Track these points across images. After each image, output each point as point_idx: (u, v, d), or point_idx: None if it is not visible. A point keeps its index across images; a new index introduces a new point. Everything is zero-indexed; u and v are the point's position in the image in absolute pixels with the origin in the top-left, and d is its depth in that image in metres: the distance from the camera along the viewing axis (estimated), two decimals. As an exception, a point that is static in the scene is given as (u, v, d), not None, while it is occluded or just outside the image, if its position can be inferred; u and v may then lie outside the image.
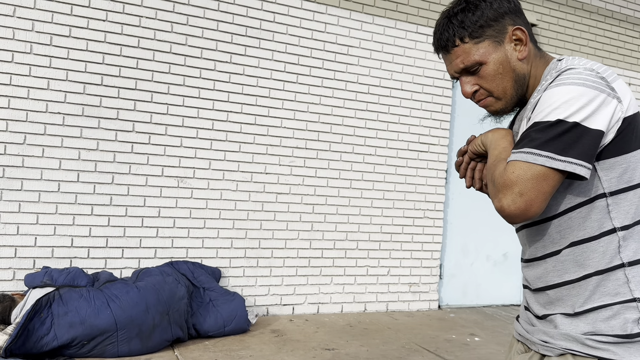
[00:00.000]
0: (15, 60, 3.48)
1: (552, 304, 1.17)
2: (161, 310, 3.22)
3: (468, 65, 1.19)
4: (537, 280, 1.20)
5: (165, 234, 3.89)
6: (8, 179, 3.47)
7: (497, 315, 4.76)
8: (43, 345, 2.85)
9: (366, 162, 4.54)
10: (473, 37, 1.17)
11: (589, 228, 1.11)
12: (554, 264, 1.16)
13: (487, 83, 1.19)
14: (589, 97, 1.03)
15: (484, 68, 1.18)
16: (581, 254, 1.12)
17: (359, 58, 4.50)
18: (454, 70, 1.22)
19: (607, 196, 1.09)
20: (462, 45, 1.18)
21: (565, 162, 1.02)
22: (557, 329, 1.14)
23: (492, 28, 1.18)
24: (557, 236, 1.14)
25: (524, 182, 1.03)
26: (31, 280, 3.30)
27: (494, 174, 1.11)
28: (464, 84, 1.22)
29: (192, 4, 3.94)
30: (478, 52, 1.17)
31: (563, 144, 1.02)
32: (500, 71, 1.18)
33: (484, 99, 1.22)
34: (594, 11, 5.56)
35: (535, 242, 1.19)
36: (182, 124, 3.93)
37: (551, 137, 1.03)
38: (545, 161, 1.03)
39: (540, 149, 1.03)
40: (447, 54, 1.22)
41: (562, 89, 1.05)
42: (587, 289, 1.11)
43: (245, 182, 4.12)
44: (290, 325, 3.97)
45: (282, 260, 4.25)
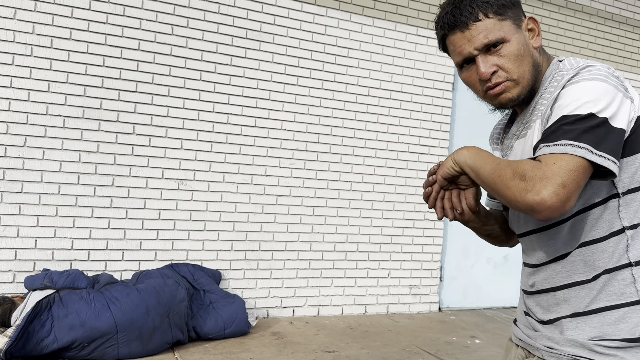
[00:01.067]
0: (16, 63, 3.48)
1: (558, 305, 1.15)
2: (161, 313, 3.21)
3: (492, 40, 1.11)
4: (543, 282, 1.17)
5: (166, 236, 3.89)
6: (8, 182, 3.47)
7: (497, 318, 4.76)
8: (43, 347, 2.84)
9: (366, 164, 4.54)
10: (497, 14, 1.12)
11: (600, 228, 1.09)
12: (562, 265, 1.13)
13: (509, 63, 1.12)
14: (612, 95, 1.02)
15: (506, 46, 1.12)
16: (591, 255, 1.10)
17: (359, 60, 4.50)
18: (473, 47, 1.12)
19: (620, 196, 1.08)
20: (486, 20, 1.11)
21: (601, 156, 0.98)
22: (563, 335, 1.12)
23: (512, 10, 1.14)
24: (568, 237, 1.12)
25: (566, 174, 0.97)
26: (31, 283, 3.29)
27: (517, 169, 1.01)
28: (483, 63, 1.12)
29: (193, 7, 3.94)
30: (502, 29, 1.12)
31: (597, 137, 0.98)
32: (522, 52, 1.12)
33: (501, 82, 1.13)
34: (594, 13, 5.57)
35: (547, 246, 1.16)
36: (183, 127, 3.93)
37: (586, 129, 0.99)
38: (585, 153, 0.97)
39: (578, 141, 0.98)
40: (465, 30, 1.12)
41: (589, 84, 1.02)
42: (594, 289, 1.10)
43: (246, 184, 4.12)
44: (290, 328, 3.96)
45: (282, 262, 4.25)
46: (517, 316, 1.32)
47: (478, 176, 1.10)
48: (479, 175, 1.10)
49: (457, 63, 1.18)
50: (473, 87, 1.19)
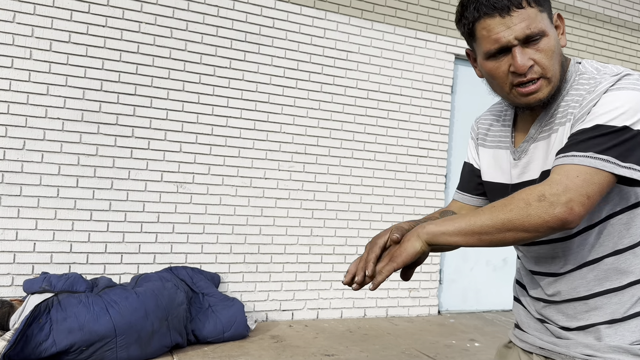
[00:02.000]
0: (15, 66, 3.48)
1: (588, 312, 1.12)
2: (160, 316, 3.21)
3: (535, 32, 1.03)
4: (571, 291, 1.13)
5: (165, 239, 3.89)
6: (7, 185, 3.47)
7: (497, 321, 4.75)
8: (42, 351, 2.83)
9: (365, 167, 4.54)
10: (538, 4, 1.05)
11: (634, 235, 1.08)
12: (595, 273, 1.11)
13: (546, 59, 1.05)
14: None
15: (545, 41, 1.05)
16: (625, 261, 1.09)
17: (358, 63, 4.51)
18: (514, 36, 1.04)
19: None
20: (528, 9, 1.03)
21: (629, 168, 0.98)
22: (603, 341, 1.09)
23: (547, 4, 1.08)
24: (596, 243, 1.10)
25: (590, 186, 0.96)
26: (30, 286, 3.29)
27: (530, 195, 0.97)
28: (521, 55, 1.04)
29: (192, 10, 3.95)
30: (543, 22, 1.05)
31: (627, 150, 0.98)
32: (556, 49, 1.07)
33: (536, 78, 1.06)
34: (592, 17, 5.58)
35: (573, 253, 1.13)
36: (182, 129, 3.93)
37: (617, 143, 0.98)
38: (613, 168, 0.98)
39: (606, 154, 0.98)
40: (505, 15, 1.03)
41: (629, 94, 1.00)
42: (630, 295, 1.08)
43: (245, 187, 4.12)
44: (289, 331, 3.95)
45: (281, 265, 4.25)
46: (523, 322, 1.28)
47: (475, 233, 0.99)
48: (476, 232, 0.99)
49: (489, 51, 1.08)
50: (499, 80, 1.10)
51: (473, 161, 1.36)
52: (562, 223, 0.95)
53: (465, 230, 0.99)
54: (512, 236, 0.97)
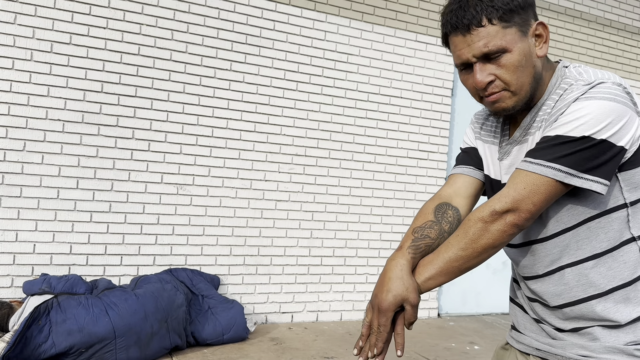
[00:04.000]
0: (16, 67, 3.49)
1: (580, 318, 1.12)
2: (159, 318, 3.21)
3: (492, 50, 1.06)
4: (557, 298, 1.14)
5: (164, 240, 3.89)
6: (7, 186, 3.47)
7: (496, 324, 4.75)
8: (41, 353, 2.83)
9: (365, 170, 4.54)
10: (502, 20, 1.06)
11: (611, 239, 1.08)
12: (577, 278, 1.11)
13: (508, 74, 1.08)
14: (618, 113, 1.01)
15: (507, 56, 1.07)
16: (604, 265, 1.09)
17: (358, 66, 4.51)
18: (472, 54, 1.08)
19: (628, 206, 1.08)
20: (489, 27, 1.06)
21: (582, 178, 1.02)
22: (599, 342, 1.10)
23: (520, 16, 1.08)
24: (574, 247, 1.11)
25: (536, 196, 1.04)
26: (29, 288, 3.29)
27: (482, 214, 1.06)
28: (480, 72, 1.09)
29: (192, 12, 3.95)
30: (505, 38, 1.06)
31: (583, 159, 1.01)
32: (522, 63, 1.08)
33: (498, 92, 1.10)
34: (592, 20, 5.59)
35: (550, 255, 1.14)
36: (182, 131, 3.93)
37: (572, 152, 1.01)
38: (564, 177, 1.02)
39: (558, 163, 1.02)
40: (466, 34, 1.08)
41: (594, 104, 1.01)
42: (619, 302, 1.08)
43: (245, 189, 4.12)
44: (289, 333, 3.95)
45: (281, 267, 4.25)
46: (519, 323, 1.28)
47: (455, 269, 1.09)
48: (455, 267, 1.08)
49: (456, 65, 1.15)
50: (469, 90, 1.17)
51: (471, 144, 1.37)
52: (516, 228, 1.06)
53: (446, 269, 1.09)
54: (486, 255, 1.08)
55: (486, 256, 1.08)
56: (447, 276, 1.10)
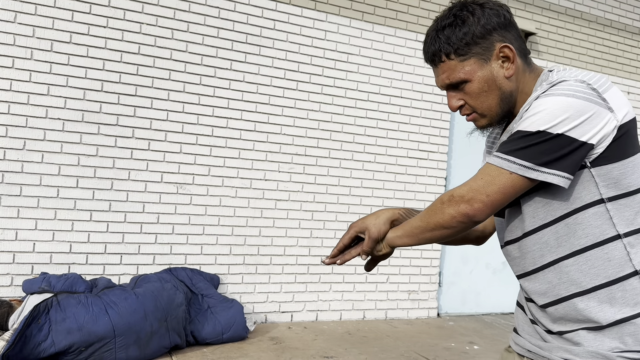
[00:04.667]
0: (16, 66, 3.49)
1: (565, 318, 1.13)
2: (159, 317, 3.21)
3: (453, 82, 1.18)
4: (542, 296, 1.15)
5: (164, 240, 3.89)
6: (7, 185, 3.47)
7: (496, 324, 4.75)
8: (40, 351, 2.83)
9: (365, 169, 4.54)
10: (459, 55, 1.16)
11: (590, 235, 1.08)
12: (558, 276, 1.12)
13: (472, 100, 1.19)
14: (577, 108, 1.03)
15: (468, 85, 1.18)
16: (585, 263, 1.09)
17: (358, 65, 4.51)
18: (440, 84, 1.22)
19: (605, 202, 1.08)
20: (448, 62, 1.17)
21: (539, 171, 1.05)
22: (582, 346, 1.10)
23: (479, 45, 1.15)
24: (554, 244, 1.12)
25: (490, 187, 1.08)
26: (29, 286, 3.29)
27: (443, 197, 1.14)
28: (450, 98, 1.22)
29: (193, 11, 3.95)
30: (463, 70, 1.16)
31: (539, 153, 1.04)
32: (485, 89, 1.17)
33: (469, 114, 1.22)
34: (593, 20, 5.59)
35: (530, 252, 1.16)
36: (182, 130, 3.93)
37: (526, 145, 1.05)
38: (518, 169, 1.05)
39: (513, 156, 1.06)
40: (434, 67, 1.23)
41: (550, 100, 1.05)
42: (603, 302, 1.08)
43: (245, 188, 4.12)
44: (288, 333, 3.95)
45: (281, 267, 4.25)
46: (519, 325, 1.29)
47: (414, 235, 1.18)
48: (415, 234, 1.18)
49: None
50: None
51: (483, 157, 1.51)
52: (466, 217, 1.09)
53: (408, 233, 1.20)
54: (438, 234, 1.15)
55: (438, 234, 1.14)
56: (409, 239, 1.20)
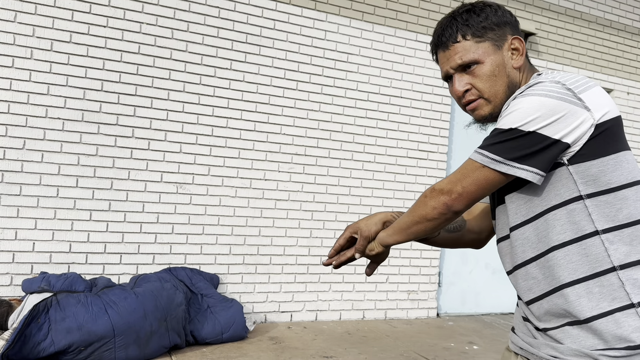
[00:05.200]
0: (16, 66, 3.49)
1: (549, 313, 1.15)
2: (159, 317, 3.21)
3: (466, 61, 1.21)
4: (528, 292, 1.19)
5: (164, 239, 3.89)
6: (7, 184, 3.47)
7: (495, 324, 4.75)
8: (40, 351, 2.83)
9: (365, 169, 4.54)
10: (475, 36, 1.21)
11: (568, 231, 1.11)
12: (542, 271, 1.15)
13: (481, 82, 1.21)
14: (549, 107, 1.07)
15: (480, 67, 1.21)
16: (564, 257, 1.11)
17: (358, 65, 4.51)
18: (450, 67, 1.24)
19: (584, 198, 1.10)
20: (463, 42, 1.21)
21: (510, 166, 1.09)
22: (565, 344, 1.12)
23: (494, 32, 1.22)
24: (535, 239, 1.15)
25: (465, 179, 1.13)
26: (29, 286, 3.29)
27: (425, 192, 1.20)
28: (457, 82, 1.24)
29: (193, 11, 3.95)
30: (477, 51, 1.21)
31: (511, 149, 1.09)
32: (495, 73, 1.21)
33: (474, 100, 1.23)
34: (593, 20, 5.59)
35: (515, 247, 1.20)
36: (182, 130, 3.93)
37: (500, 141, 1.10)
38: (490, 162, 1.10)
39: (488, 151, 1.11)
40: (445, 50, 1.25)
41: (524, 100, 1.10)
42: (581, 296, 1.10)
43: (245, 188, 4.12)
44: (288, 333, 3.95)
45: (280, 267, 4.25)
46: (516, 323, 1.31)
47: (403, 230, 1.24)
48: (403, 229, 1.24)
49: (442, 78, 1.31)
50: (455, 100, 1.30)
51: None
52: (445, 207, 1.15)
53: (396, 230, 1.26)
54: (422, 227, 1.21)
55: (422, 227, 1.20)
56: (399, 235, 1.26)
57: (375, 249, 1.32)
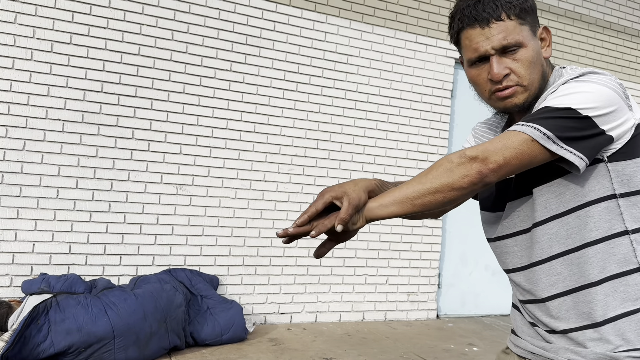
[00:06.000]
0: (16, 67, 3.49)
1: (571, 312, 1.11)
2: (159, 318, 3.21)
3: (511, 43, 1.10)
4: (550, 288, 1.14)
5: (164, 241, 3.89)
6: (7, 185, 3.47)
7: (495, 325, 4.75)
8: (40, 352, 2.83)
9: (365, 171, 4.54)
10: (519, 17, 1.11)
11: (600, 229, 1.08)
12: (569, 268, 1.11)
13: (522, 68, 1.11)
14: (608, 98, 1.03)
15: (523, 51, 1.11)
16: (594, 255, 1.08)
17: (358, 67, 4.52)
18: (490, 46, 1.11)
19: (617, 197, 1.08)
20: (507, 22, 1.11)
21: (559, 145, 1.01)
22: (588, 348, 1.09)
23: (531, 16, 1.14)
24: (564, 235, 1.11)
25: (508, 150, 1.02)
26: (28, 287, 3.29)
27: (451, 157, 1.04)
28: (497, 65, 1.12)
29: (193, 13, 3.96)
30: (521, 33, 1.11)
31: (564, 128, 1.01)
32: (535, 59, 1.13)
33: (512, 86, 1.13)
34: (593, 22, 5.60)
35: (542, 243, 1.14)
36: (182, 131, 3.93)
37: (554, 117, 1.02)
38: (540, 137, 1.01)
39: (539, 124, 1.02)
40: (484, 27, 1.11)
41: (584, 85, 1.04)
42: (607, 295, 1.07)
43: (244, 189, 4.13)
44: (288, 334, 3.95)
45: (280, 268, 4.25)
46: (517, 326, 1.28)
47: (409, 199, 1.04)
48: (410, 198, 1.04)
49: (470, 59, 1.16)
50: (480, 86, 1.17)
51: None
52: (479, 176, 1.01)
53: (398, 200, 1.05)
54: (442, 197, 1.03)
55: (441, 197, 1.03)
56: (398, 207, 1.05)
57: (359, 223, 1.07)
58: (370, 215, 1.06)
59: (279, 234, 1.05)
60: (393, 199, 1.05)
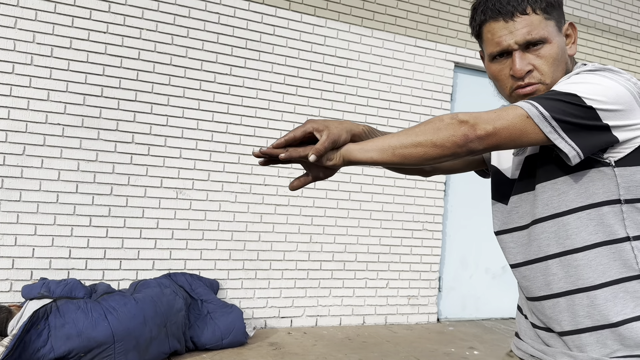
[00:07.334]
0: (16, 72, 3.49)
1: (562, 315, 1.10)
2: (159, 323, 3.20)
3: (535, 38, 1.07)
4: (544, 287, 1.12)
5: (164, 245, 3.88)
6: (7, 190, 3.47)
7: (496, 329, 4.74)
8: (39, 357, 2.82)
9: (365, 174, 4.55)
10: (545, 12, 1.07)
11: (600, 232, 1.06)
12: (565, 269, 1.08)
13: (546, 65, 1.08)
14: (619, 96, 0.99)
15: (547, 48, 1.08)
16: (594, 259, 1.06)
17: (358, 71, 4.52)
18: (514, 41, 1.08)
19: (622, 203, 1.05)
20: (533, 16, 1.07)
21: (555, 131, 0.98)
22: (586, 352, 1.08)
23: (557, 12, 1.10)
24: (563, 235, 1.08)
25: (500, 120, 0.99)
26: (28, 292, 3.28)
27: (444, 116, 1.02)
28: (520, 60, 1.08)
29: (193, 17, 3.96)
30: (546, 29, 1.07)
31: (564, 112, 0.98)
32: (559, 57, 1.09)
33: (534, 84, 1.09)
34: (591, 25, 5.61)
35: (539, 241, 1.12)
36: (182, 136, 3.94)
37: (556, 99, 0.98)
38: (536, 116, 0.98)
39: (538, 103, 0.99)
40: (508, 20, 1.08)
41: (597, 77, 1.01)
42: (608, 300, 1.06)
43: (244, 193, 4.12)
44: (288, 338, 3.94)
45: (280, 272, 4.24)
46: (521, 329, 1.27)
47: (390, 148, 1.02)
48: (391, 147, 1.02)
49: (491, 54, 1.13)
50: (501, 82, 1.14)
51: None
52: (465, 140, 0.98)
53: (379, 147, 1.03)
54: (422, 152, 1.00)
55: (422, 151, 1.00)
56: (377, 153, 1.03)
57: (334, 160, 1.06)
58: (349, 156, 1.05)
59: (254, 152, 1.07)
60: (375, 145, 1.03)
